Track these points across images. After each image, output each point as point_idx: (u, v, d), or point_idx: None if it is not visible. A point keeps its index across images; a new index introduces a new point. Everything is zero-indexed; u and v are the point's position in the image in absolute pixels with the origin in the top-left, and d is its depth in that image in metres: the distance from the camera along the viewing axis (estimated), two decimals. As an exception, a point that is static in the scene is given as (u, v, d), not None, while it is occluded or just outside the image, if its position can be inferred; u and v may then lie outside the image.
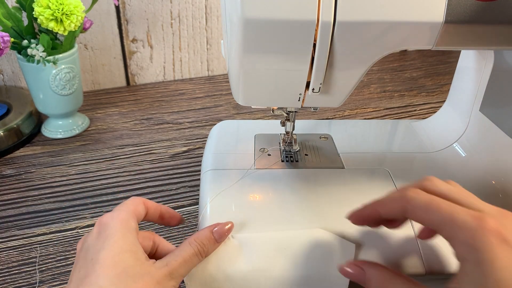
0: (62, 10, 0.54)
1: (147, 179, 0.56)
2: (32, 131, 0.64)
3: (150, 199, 0.36)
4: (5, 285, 0.42)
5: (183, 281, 0.33)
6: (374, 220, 0.32)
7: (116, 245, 0.30)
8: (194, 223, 0.49)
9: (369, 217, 0.32)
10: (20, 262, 0.44)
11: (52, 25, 0.54)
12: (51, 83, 0.59)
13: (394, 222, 0.32)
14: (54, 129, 0.65)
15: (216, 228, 0.34)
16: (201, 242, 0.33)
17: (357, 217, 0.33)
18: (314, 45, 0.32)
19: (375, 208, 0.31)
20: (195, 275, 0.34)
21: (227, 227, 0.35)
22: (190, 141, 0.64)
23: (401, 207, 0.28)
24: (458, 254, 0.25)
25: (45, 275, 0.43)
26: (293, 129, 0.45)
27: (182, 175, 0.57)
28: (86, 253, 0.31)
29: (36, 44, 0.56)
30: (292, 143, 0.46)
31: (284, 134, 0.47)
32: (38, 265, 0.44)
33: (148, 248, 0.33)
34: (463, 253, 0.25)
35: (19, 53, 0.58)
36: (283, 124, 0.46)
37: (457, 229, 0.25)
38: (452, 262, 0.35)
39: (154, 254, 0.34)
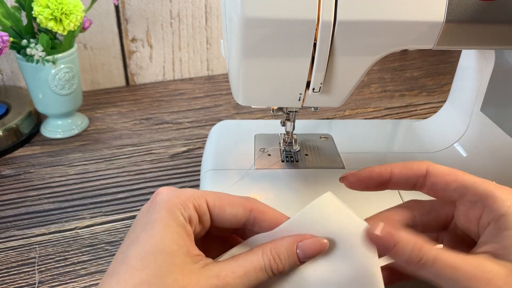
0: (61, 10, 0.54)
1: (147, 179, 0.55)
2: (31, 131, 0.64)
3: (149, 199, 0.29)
4: (4, 285, 0.41)
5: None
6: (379, 182, 0.28)
7: (151, 241, 0.23)
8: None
9: (378, 176, 0.28)
10: (20, 263, 0.44)
11: (51, 25, 0.54)
12: (51, 83, 0.59)
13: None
14: (53, 129, 0.64)
15: (303, 243, 0.25)
16: (278, 255, 0.25)
17: (360, 177, 0.29)
18: (315, 44, 0.31)
19: (390, 168, 0.28)
20: None
21: (319, 244, 0.25)
22: (189, 141, 0.64)
23: (421, 169, 0.27)
24: (482, 218, 0.25)
25: (44, 275, 0.43)
26: (293, 129, 0.45)
27: (182, 175, 0.56)
28: (128, 236, 0.25)
29: (36, 44, 0.56)
30: (292, 143, 0.46)
31: (284, 134, 0.47)
32: (37, 266, 0.44)
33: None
34: (490, 216, 0.24)
35: (18, 52, 0.58)
36: (283, 124, 0.46)
37: (482, 192, 0.25)
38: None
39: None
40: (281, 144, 0.47)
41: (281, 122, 0.46)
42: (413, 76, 0.86)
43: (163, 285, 0.22)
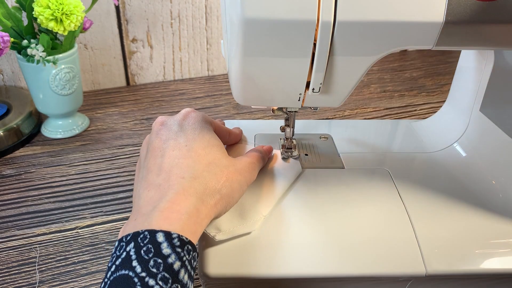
0: (62, 10, 0.54)
1: (147, 179, 0.55)
2: (32, 131, 0.64)
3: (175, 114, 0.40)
4: (5, 285, 0.42)
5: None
6: None
7: (206, 138, 0.36)
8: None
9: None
10: (20, 262, 0.44)
11: (52, 25, 0.54)
12: (51, 83, 0.59)
13: None
14: (54, 129, 0.65)
15: (263, 147, 0.44)
16: (260, 151, 0.42)
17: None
18: (314, 45, 0.32)
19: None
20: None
21: (271, 147, 0.45)
22: (190, 141, 0.64)
23: None
24: None
25: (45, 275, 0.43)
26: (293, 135, 0.45)
27: (182, 175, 0.56)
28: (176, 136, 0.36)
29: (36, 44, 0.56)
30: (292, 149, 0.46)
31: (284, 140, 0.47)
32: (38, 265, 0.44)
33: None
34: None
35: (19, 53, 0.58)
36: (282, 130, 0.46)
37: None
38: (452, 263, 0.35)
39: None
40: (280, 150, 0.47)
41: (280, 128, 0.46)
42: (413, 76, 0.87)
43: (221, 164, 0.35)
